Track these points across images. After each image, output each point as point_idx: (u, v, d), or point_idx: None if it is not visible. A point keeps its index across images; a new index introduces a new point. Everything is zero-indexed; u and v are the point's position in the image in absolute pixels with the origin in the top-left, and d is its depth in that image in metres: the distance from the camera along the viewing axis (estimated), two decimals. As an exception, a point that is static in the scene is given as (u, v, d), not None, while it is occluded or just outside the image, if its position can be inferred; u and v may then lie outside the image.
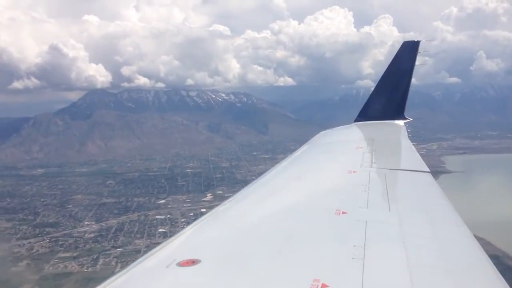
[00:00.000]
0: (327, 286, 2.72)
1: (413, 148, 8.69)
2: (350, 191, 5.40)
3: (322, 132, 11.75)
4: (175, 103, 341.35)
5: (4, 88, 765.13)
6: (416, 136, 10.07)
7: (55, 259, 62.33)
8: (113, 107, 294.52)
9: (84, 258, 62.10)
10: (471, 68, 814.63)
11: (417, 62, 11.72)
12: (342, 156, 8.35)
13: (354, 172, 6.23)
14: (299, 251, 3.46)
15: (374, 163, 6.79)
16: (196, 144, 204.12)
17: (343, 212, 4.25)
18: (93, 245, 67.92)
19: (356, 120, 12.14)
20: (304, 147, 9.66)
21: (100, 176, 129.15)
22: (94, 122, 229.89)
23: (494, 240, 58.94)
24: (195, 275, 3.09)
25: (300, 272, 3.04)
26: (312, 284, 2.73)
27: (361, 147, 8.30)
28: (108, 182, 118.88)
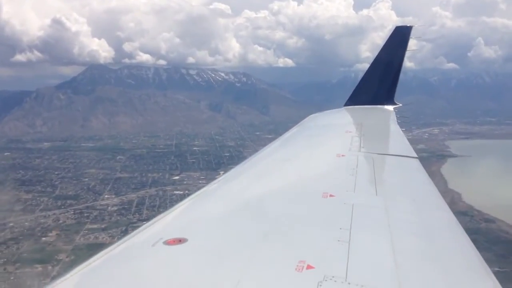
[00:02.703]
0: (313, 267, 2.76)
1: (402, 133, 8.72)
2: (338, 175, 5.39)
3: (312, 115, 11.66)
4: (175, 81, 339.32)
5: (7, 61, 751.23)
6: (405, 122, 10.37)
7: (84, 230, 63.66)
8: (114, 83, 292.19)
9: (113, 230, 63.47)
10: (469, 54, 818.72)
11: (409, 48, 11.72)
12: (331, 139, 8.37)
13: (342, 156, 6.23)
14: (285, 233, 3.49)
15: (363, 147, 6.80)
16: (198, 123, 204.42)
17: (331, 195, 4.27)
18: (118, 218, 69.27)
19: (346, 104, 12.13)
20: (293, 130, 9.67)
21: (108, 151, 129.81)
22: (97, 98, 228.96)
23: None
24: (181, 254, 3.10)
25: (286, 253, 3.08)
26: (297, 265, 2.77)
27: (350, 131, 8.28)
28: (118, 157, 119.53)
